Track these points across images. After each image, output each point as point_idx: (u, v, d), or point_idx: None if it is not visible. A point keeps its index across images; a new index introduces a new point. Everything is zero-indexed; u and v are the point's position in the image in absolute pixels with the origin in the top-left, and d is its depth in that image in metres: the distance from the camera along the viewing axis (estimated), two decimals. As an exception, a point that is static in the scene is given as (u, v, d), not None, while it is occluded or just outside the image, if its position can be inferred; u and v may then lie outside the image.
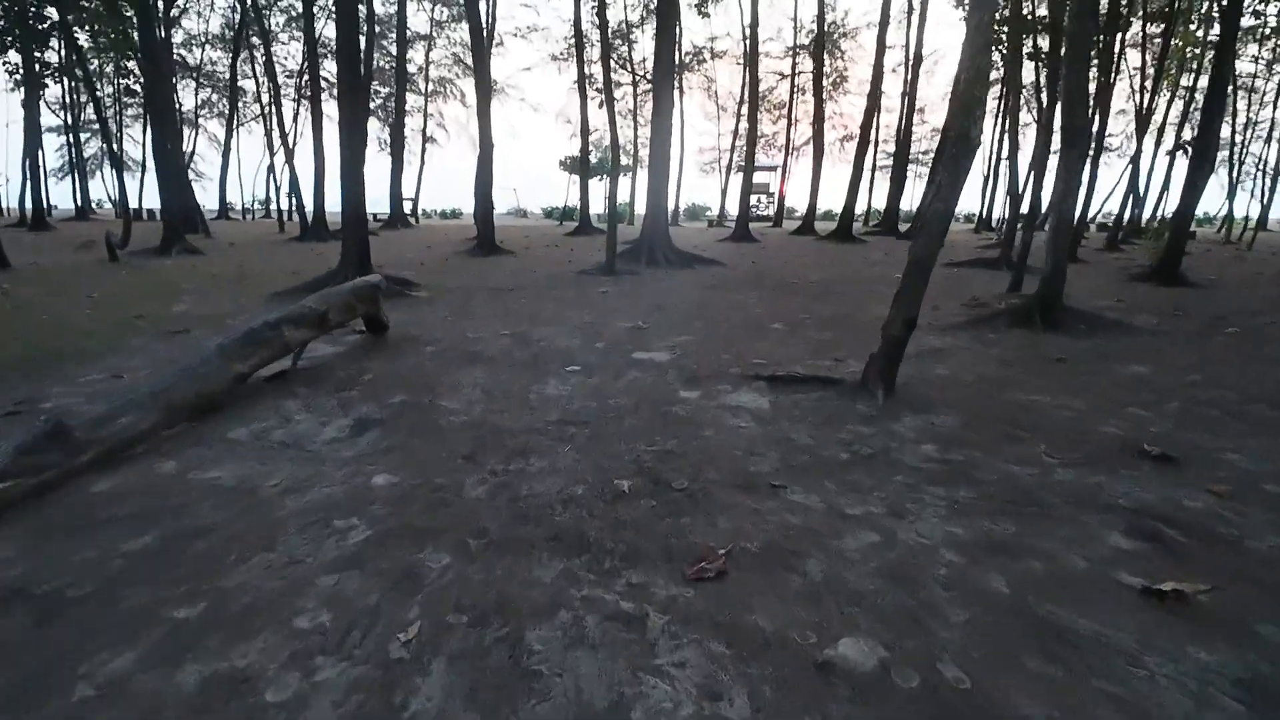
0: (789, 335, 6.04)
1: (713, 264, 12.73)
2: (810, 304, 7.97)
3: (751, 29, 21.40)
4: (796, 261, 14.12)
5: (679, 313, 7.19)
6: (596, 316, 6.92)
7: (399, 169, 25.39)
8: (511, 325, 6.35)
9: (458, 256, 14.46)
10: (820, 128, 24.04)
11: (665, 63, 12.19)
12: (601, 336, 5.85)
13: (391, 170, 25.25)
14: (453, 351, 5.21)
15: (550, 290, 9.05)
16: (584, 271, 11.22)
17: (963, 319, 6.81)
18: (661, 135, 12.31)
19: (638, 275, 10.92)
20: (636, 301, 8.05)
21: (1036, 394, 4.17)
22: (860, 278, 11.06)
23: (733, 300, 8.24)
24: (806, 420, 3.60)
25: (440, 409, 3.76)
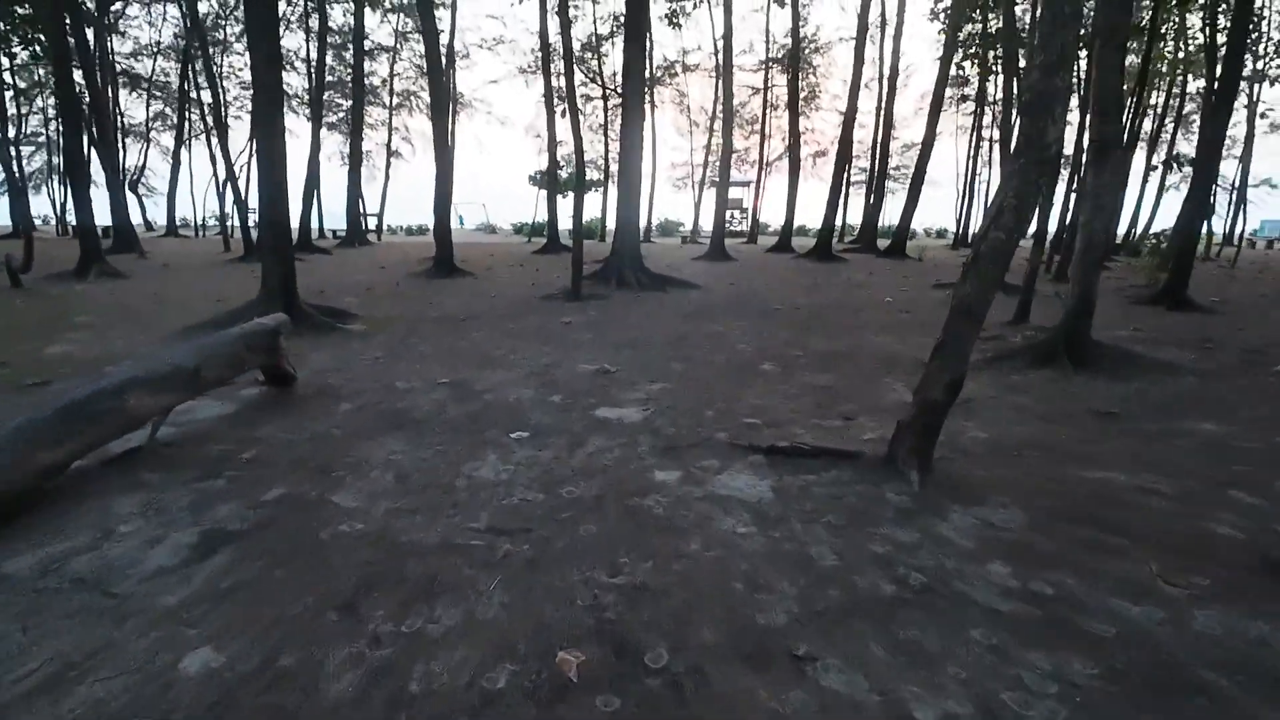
0: (782, 379, 5.17)
1: (688, 286, 11.90)
2: (801, 336, 7.15)
3: (725, 40, 20.87)
4: (778, 283, 13.38)
5: (652, 350, 6.30)
6: (557, 356, 5.99)
7: (357, 183, 24.24)
8: (455, 369, 5.39)
9: (413, 279, 13.42)
10: (796, 141, 23.57)
11: (634, 75, 11.42)
12: (560, 385, 4.92)
13: (349, 185, 24.09)
14: (373, 410, 4.23)
15: (507, 320, 8.10)
16: (548, 296, 10.29)
17: (977, 356, 6.02)
18: (631, 150, 11.51)
19: (606, 300, 10.02)
20: (604, 335, 7.15)
21: (1105, 468, 3.35)
22: (849, 302, 10.32)
23: (713, 332, 7.38)
24: (825, 520, 2.72)
25: (329, 510, 2.79)
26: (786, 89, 28.11)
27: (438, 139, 13.30)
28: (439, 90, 13.19)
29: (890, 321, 8.27)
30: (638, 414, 4.17)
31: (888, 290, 12.08)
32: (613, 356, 5.96)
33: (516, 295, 10.67)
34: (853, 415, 4.17)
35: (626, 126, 11.25)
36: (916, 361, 5.75)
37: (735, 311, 9.05)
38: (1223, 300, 10.70)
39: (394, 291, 11.06)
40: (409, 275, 14.03)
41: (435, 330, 7.29)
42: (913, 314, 8.92)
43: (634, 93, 11.25)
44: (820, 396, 4.66)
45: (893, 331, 7.50)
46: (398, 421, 4.00)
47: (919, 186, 20.70)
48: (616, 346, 6.46)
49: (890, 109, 23.29)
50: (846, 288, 12.51)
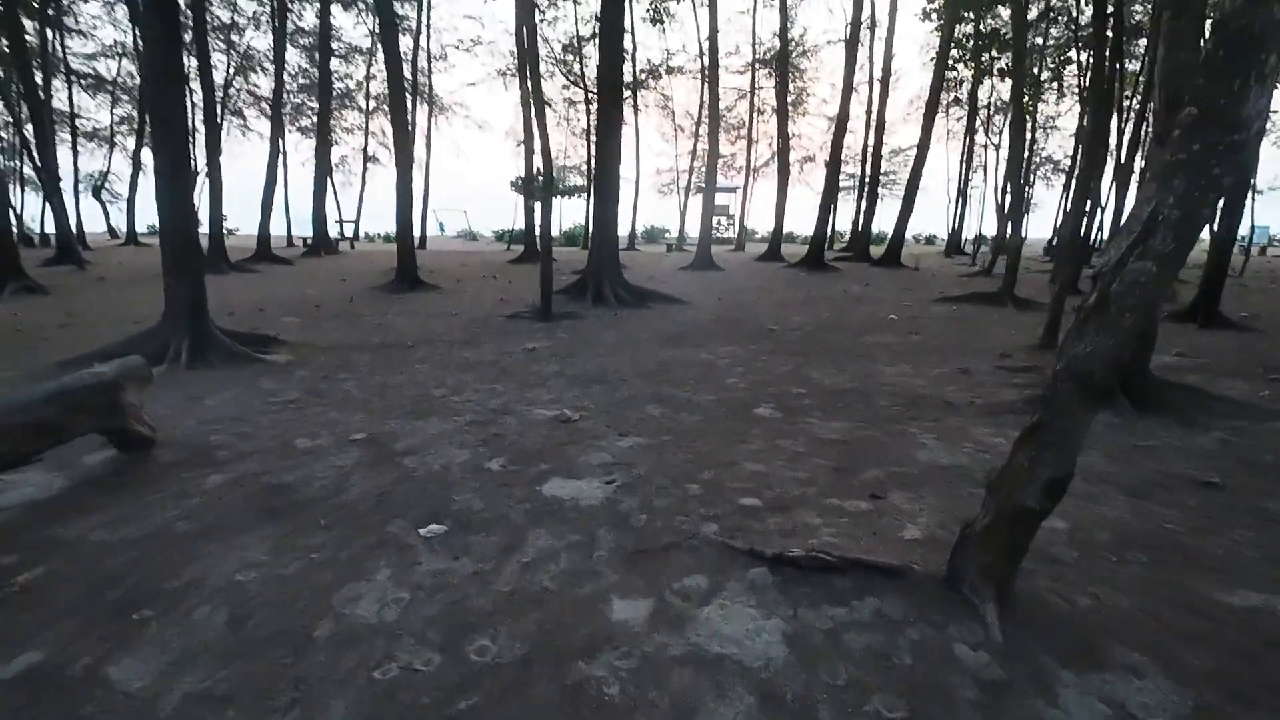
0: (784, 430, 4.21)
1: (672, 302, 10.96)
2: (801, 366, 6.21)
3: (710, 41, 20.05)
4: (769, 297, 12.47)
5: (627, 387, 5.32)
6: (511, 396, 5.00)
7: (323, 190, 23.08)
8: (380, 418, 4.38)
9: (371, 293, 12.37)
10: (785, 144, 22.79)
11: (611, 73, 10.49)
12: (506, 442, 3.93)
13: (314, 191, 22.94)
14: (249, 486, 3.21)
15: (463, 346, 7.09)
16: (516, 314, 9.30)
17: (1014, 393, 5.10)
18: (609, 153, 10.56)
19: (580, 320, 9.04)
20: (571, 365, 6.17)
21: (1247, 582, 2.41)
22: (849, 321, 9.41)
23: (699, 361, 6.42)
24: (871, 708, 1.75)
25: (90, 702, 1.78)
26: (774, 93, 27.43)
27: (398, 142, 12.29)
28: (398, 90, 12.19)
29: (900, 346, 7.36)
30: (599, 490, 3.19)
31: (888, 305, 11.21)
32: (578, 396, 4.98)
33: (480, 313, 9.66)
34: (881, 491, 3.21)
35: (603, 127, 10.31)
36: (942, 402, 4.83)
37: (724, 333, 8.10)
38: (1253, 316, 9.93)
39: (344, 309, 10.01)
40: (368, 289, 12.98)
41: (373, 361, 6.27)
42: (922, 336, 8.02)
43: (611, 91, 10.33)
44: (834, 456, 3.70)
45: (905, 359, 6.58)
46: (274, 506, 2.99)
47: (914, 192, 19.97)
48: (584, 382, 5.47)
49: (883, 112, 22.62)
50: (844, 302, 11.62)
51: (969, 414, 4.59)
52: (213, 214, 16.44)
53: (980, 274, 17.36)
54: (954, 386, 5.38)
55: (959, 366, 6.12)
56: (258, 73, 38.65)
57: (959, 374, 5.85)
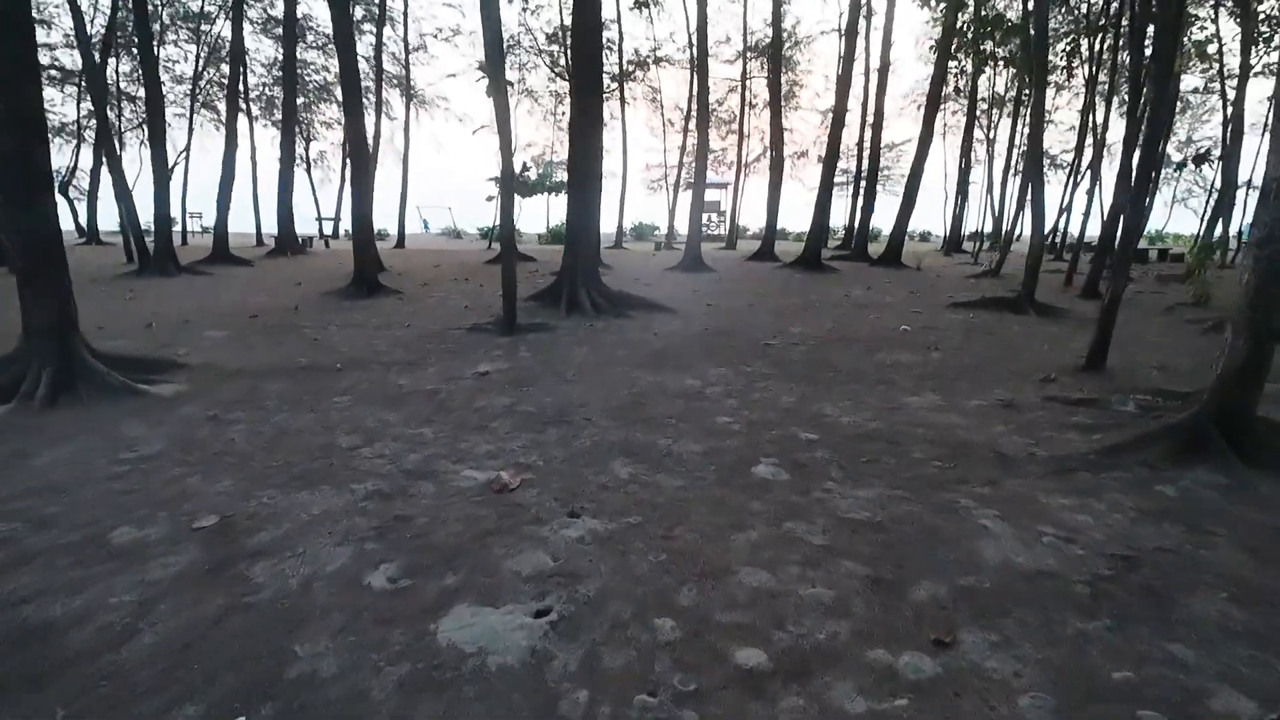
0: (795, 508, 3.16)
1: (656, 309, 9.89)
2: (808, 397, 5.16)
3: (699, 29, 18.93)
4: (764, 303, 11.43)
5: (590, 433, 4.25)
6: (440, 446, 3.92)
7: (290, 185, 21.79)
8: (251, 487, 3.29)
9: (323, 299, 11.23)
10: (779, 138, 21.76)
11: (587, 54, 9.42)
12: (411, 529, 2.86)
13: (279, 187, 21.65)
14: (-11, 629, 2.13)
15: (402, 370, 6.00)
16: (478, 326, 8.21)
17: (1080, 438, 4.07)
18: (587, 146, 9.49)
19: (549, 333, 7.96)
20: (527, 397, 5.08)
21: None
22: (857, 332, 8.38)
23: (684, 390, 5.36)
24: None
25: None
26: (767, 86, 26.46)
27: (350, 134, 11.15)
28: (351, 77, 11.03)
29: (921, 367, 6.33)
30: (523, 634, 2.12)
31: (896, 312, 10.19)
32: (526, 446, 3.91)
33: (437, 325, 8.56)
34: (947, 628, 2.16)
35: (578, 114, 9.23)
36: (993, 454, 3.80)
37: (715, 349, 7.04)
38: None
39: (284, 320, 8.87)
40: (322, 295, 11.82)
41: (285, 392, 5.17)
42: (944, 353, 7.00)
43: (586, 73, 9.25)
44: (868, 554, 2.65)
45: (931, 384, 5.55)
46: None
47: (915, 188, 18.99)
48: (539, 422, 4.40)
49: (881, 104, 21.62)
50: (847, 309, 10.59)
51: (1032, 472, 3.55)
52: (157, 211, 15.19)
53: (988, 275, 16.39)
54: (1001, 426, 4.34)
55: (998, 397, 5.09)
56: (229, 64, 37.34)
57: (1001, 407, 4.82)
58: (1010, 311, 9.87)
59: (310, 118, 54.58)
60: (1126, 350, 6.90)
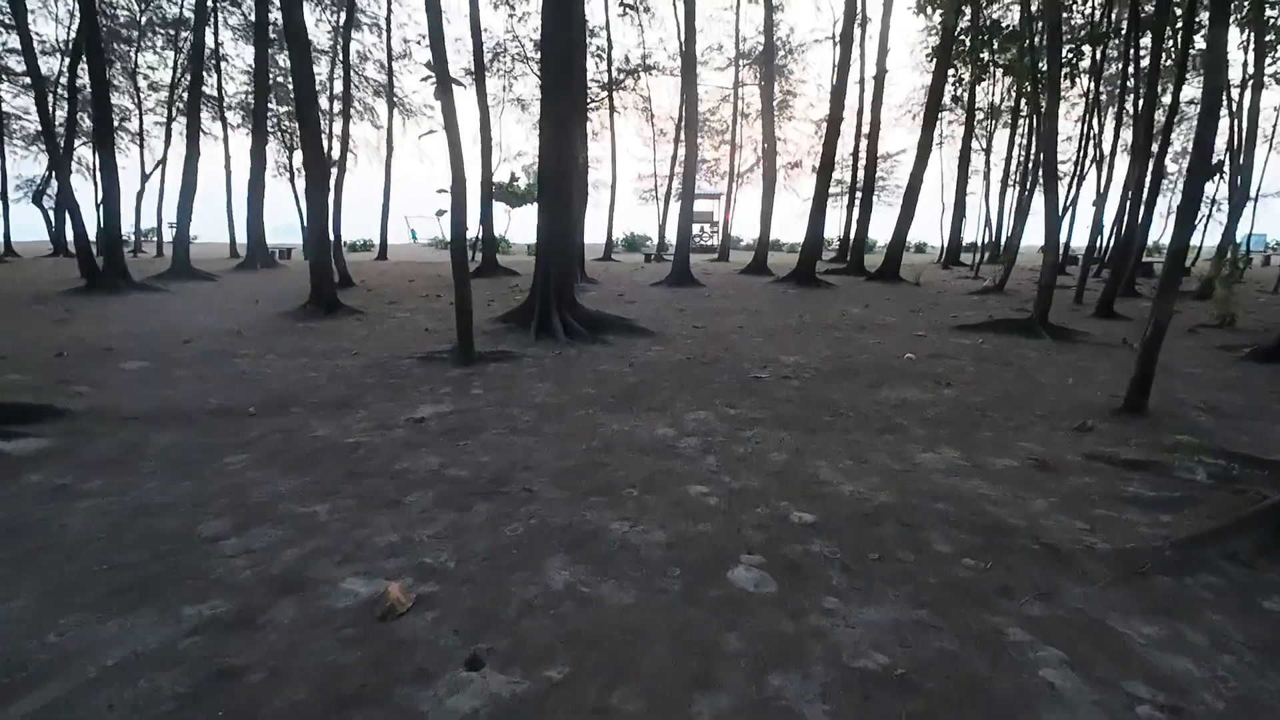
0: (784, 644, 2.33)
1: (635, 333, 9.08)
2: (803, 452, 4.35)
3: (687, 28, 18.23)
4: (755, 323, 10.64)
5: (528, 513, 3.41)
6: (323, 540, 3.07)
7: (260, 196, 20.92)
8: (44, 611, 2.44)
9: (274, 321, 10.37)
10: (771, 148, 21.10)
11: (558, 44, 8.66)
12: (235, 696, 2.01)
13: (249, 197, 20.75)
14: None
15: (325, 417, 5.15)
16: (433, 354, 7.38)
17: (1146, 520, 3.25)
18: (558, 151, 8.71)
19: (513, 364, 7.13)
20: (462, 456, 4.24)
21: None
22: (857, 361, 7.58)
23: (655, 443, 4.53)
24: None
25: None
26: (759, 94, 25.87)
27: (306, 140, 10.33)
28: (306, 79, 10.22)
29: (933, 408, 5.53)
30: None
31: (899, 335, 9.41)
32: (440, 537, 3.07)
33: (389, 352, 7.72)
34: None
35: (548, 114, 8.44)
36: (1040, 547, 2.98)
37: (696, 384, 6.23)
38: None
39: (218, 348, 8.00)
40: (277, 315, 10.97)
41: (174, 447, 4.31)
42: (957, 388, 6.20)
43: (557, 69, 8.48)
44: (891, 743, 1.82)
45: (947, 433, 4.74)
46: None
47: (914, 198, 18.31)
48: (466, 496, 3.56)
49: (877, 113, 20.99)
50: (845, 332, 9.80)
51: (1095, 576, 2.73)
52: (107, 223, 14.29)
53: (991, 291, 15.68)
54: (1041, 500, 3.53)
55: (1030, 453, 4.29)
56: (212, 73, 36.62)
57: (1035, 469, 4.01)
58: (1022, 335, 9.10)
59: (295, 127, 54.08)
60: (1160, 384, 6.12)
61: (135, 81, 36.71)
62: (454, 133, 6.16)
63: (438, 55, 6.41)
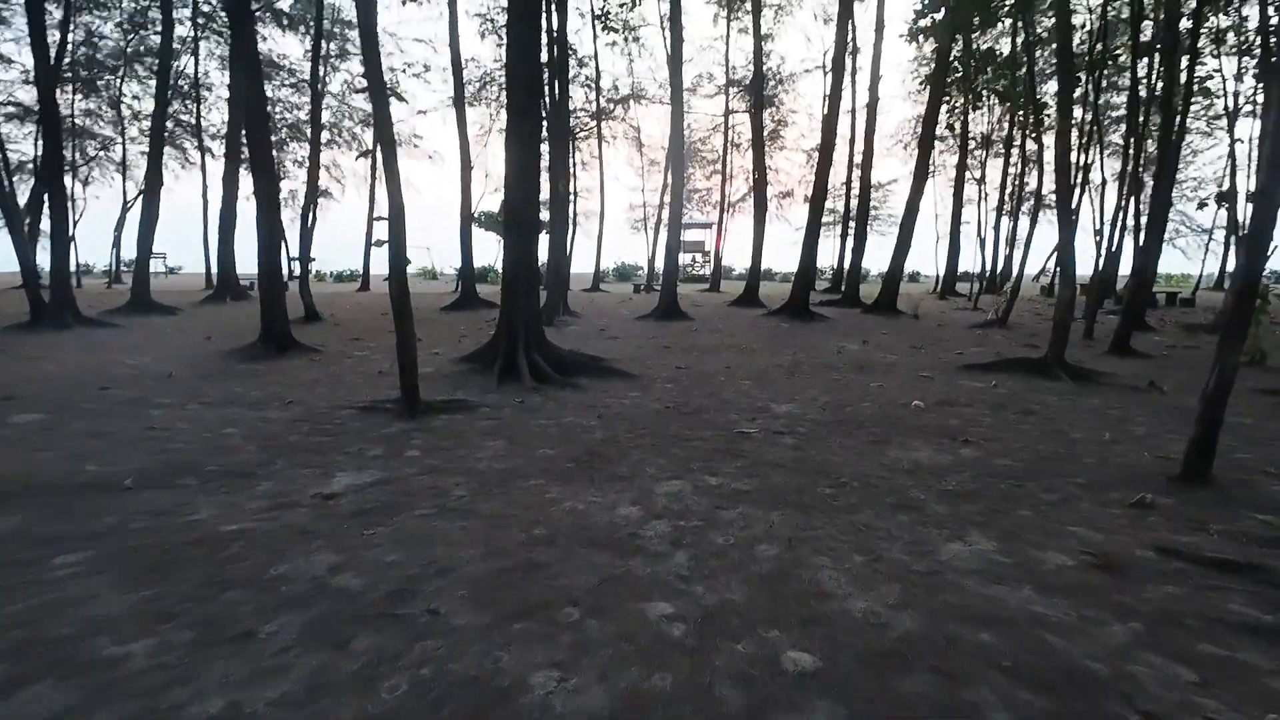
0: None
1: (611, 375, 8.23)
2: (801, 544, 3.47)
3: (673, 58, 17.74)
4: (746, 363, 9.82)
5: (416, 660, 2.51)
6: (131, 700, 2.17)
7: (231, 225, 20.13)
8: None
9: (217, 361, 9.50)
10: (762, 177, 20.55)
11: (524, 67, 7.99)
12: None
13: (220, 226, 19.96)
14: None
15: (214, 493, 4.26)
16: (376, 404, 6.51)
17: (1274, 671, 2.39)
18: (522, 175, 7.97)
19: (466, 416, 6.26)
20: (363, 553, 3.34)
21: None
22: (859, 410, 6.75)
23: (610, 534, 3.66)
24: None
25: None
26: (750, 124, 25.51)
27: (256, 164, 9.58)
28: (258, 99, 9.51)
29: (952, 472, 4.68)
30: None
31: (902, 376, 8.60)
32: (283, 706, 2.17)
33: (330, 401, 6.85)
34: None
35: (513, 136, 7.70)
36: (1136, 711, 2.09)
37: (673, 443, 5.36)
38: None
39: (137, 395, 7.12)
40: (225, 354, 10.10)
41: (2, 539, 3.41)
42: (978, 448, 5.35)
43: (524, 89, 7.77)
44: None
45: (978, 515, 3.87)
46: None
47: (911, 227, 17.69)
48: (353, 621, 2.67)
49: (870, 141, 20.52)
50: (844, 373, 8.98)
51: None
52: (55, 256, 13.46)
53: (994, 324, 14.96)
54: (1119, 625, 2.66)
55: (1085, 545, 3.42)
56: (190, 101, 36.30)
57: (1098, 569, 3.14)
58: (1038, 376, 8.31)
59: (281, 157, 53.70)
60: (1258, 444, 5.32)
61: (119, 111, 36.32)
62: (389, 149, 5.37)
63: (370, 56, 5.66)
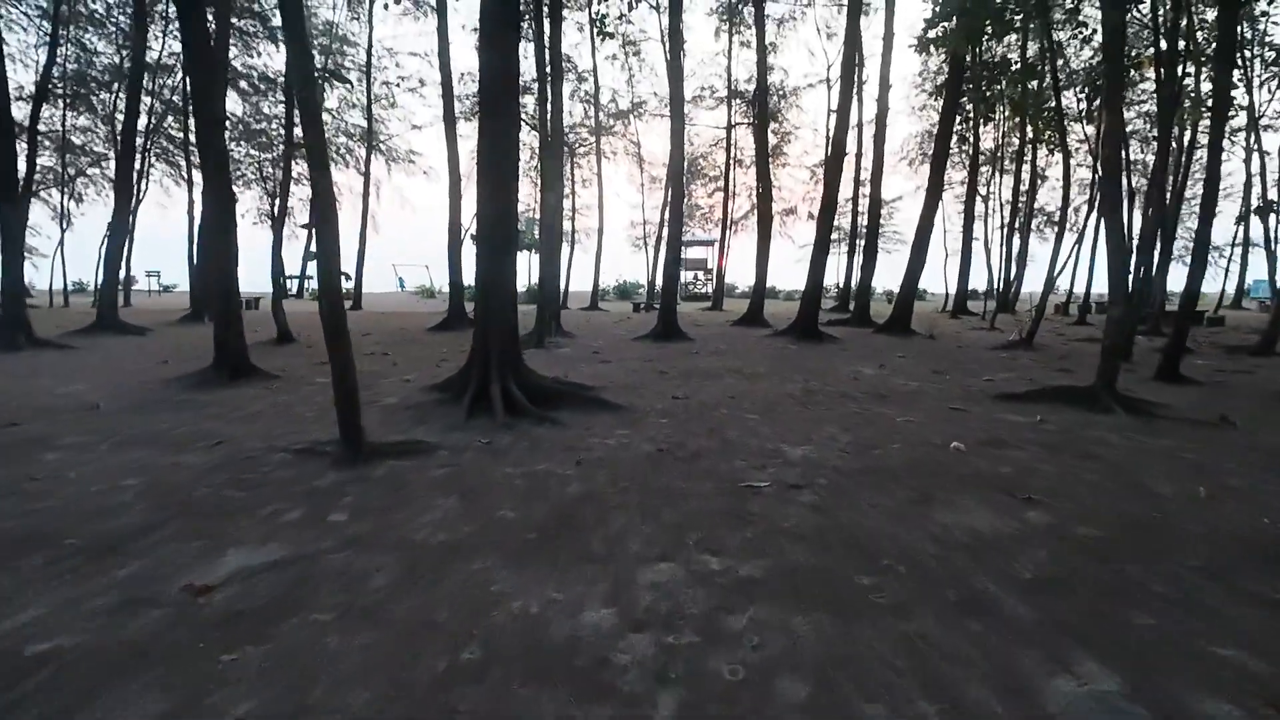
0: None
1: (598, 407, 7.24)
2: (845, 668, 2.46)
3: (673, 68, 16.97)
4: (752, 392, 8.83)
5: None
6: None
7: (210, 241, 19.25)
8: None
9: (160, 390, 8.54)
10: (767, 191, 19.72)
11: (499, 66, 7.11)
12: None
13: (196, 242, 19.10)
14: None
15: (48, 585, 3.27)
16: (316, 445, 5.53)
17: None
18: (497, 182, 7.07)
19: (418, 461, 5.27)
20: (203, 704, 2.34)
21: None
22: (888, 450, 5.74)
23: (571, 653, 2.65)
24: None
25: None
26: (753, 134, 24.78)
27: (209, 172, 8.71)
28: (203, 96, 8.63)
29: (1023, 548, 3.66)
30: None
31: (933, 410, 7.58)
32: None
33: (266, 440, 5.88)
34: None
35: (486, 139, 6.80)
36: None
37: (665, 503, 4.36)
38: None
39: (49, 431, 6.15)
40: (171, 381, 9.13)
41: None
42: (1043, 504, 4.33)
43: (501, 90, 6.89)
44: None
45: (1076, 623, 2.85)
46: None
47: (925, 243, 16.77)
48: None
49: (880, 153, 19.70)
50: (864, 404, 7.97)
51: None
52: (6, 275, 12.58)
53: (1019, 345, 13.98)
54: None
55: (1244, 673, 2.42)
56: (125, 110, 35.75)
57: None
58: (1087, 408, 7.30)
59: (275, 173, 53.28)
60: None
61: (113, 126, 35.86)
62: (318, 149, 4.44)
63: (292, 21, 4.73)
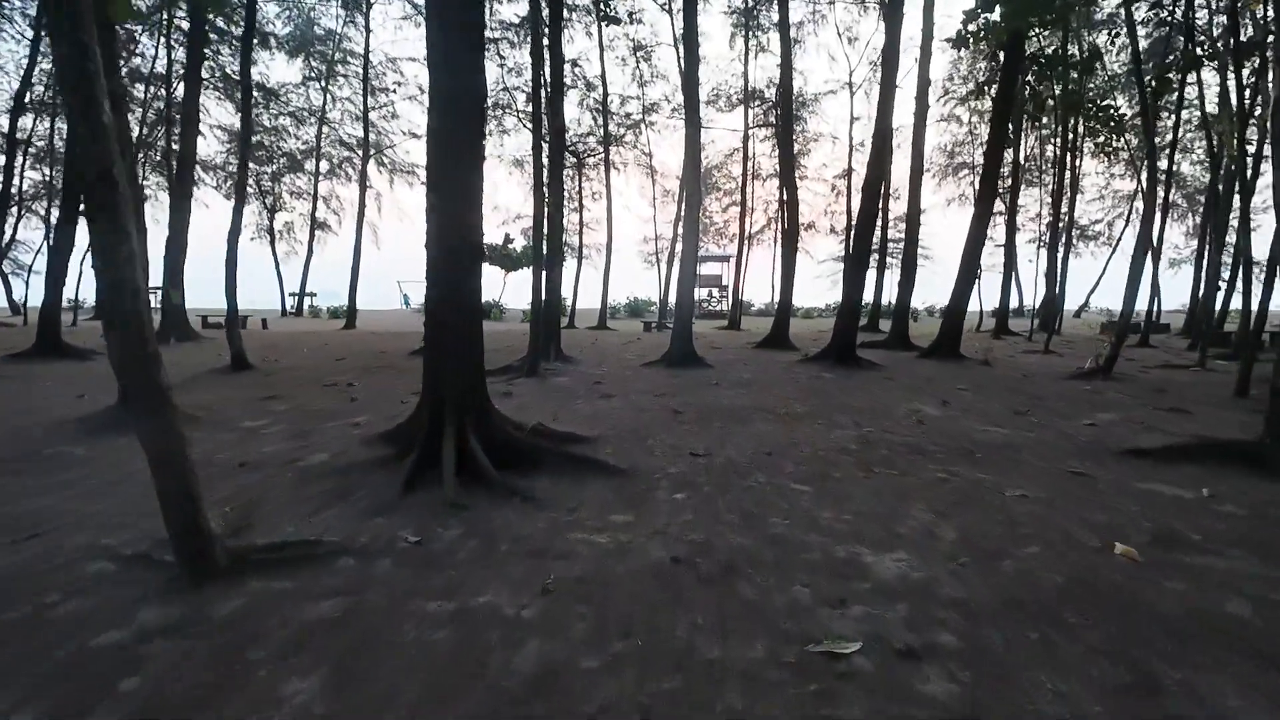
0: None
1: (589, 470, 5.41)
2: None
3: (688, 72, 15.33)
4: (795, 443, 6.95)
5: None
6: None
7: (178, 258, 17.78)
8: None
9: (49, 435, 6.86)
10: (794, 198, 17.95)
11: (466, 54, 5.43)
12: None
13: (166, 257, 17.67)
14: None
15: None
16: (153, 551, 3.75)
17: None
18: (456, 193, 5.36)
19: (295, 587, 3.43)
20: None
21: None
22: (1027, 555, 3.85)
23: None
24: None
25: None
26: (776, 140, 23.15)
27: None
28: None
29: None
30: None
31: (1042, 474, 5.66)
32: None
33: (105, 531, 4.11)
34: None
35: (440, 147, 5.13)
36: None
37: (683, 690, 2.53)
38: None
39: None
40: (70, 421, 7.45)
41: None
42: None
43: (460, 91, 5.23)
44: None
45: None
46: None
47: (976, 259, 14.92)
48: None
49: (919, 153, 17.91)
50: (947, 464, 6.04)
51: None
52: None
53: (1096, 374, 12.02)
54: None
55: None
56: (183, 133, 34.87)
57: None
58: (1258, 473, 5.38)
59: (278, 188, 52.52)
60: None
61: (116, 141, 35.19)
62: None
63: None
